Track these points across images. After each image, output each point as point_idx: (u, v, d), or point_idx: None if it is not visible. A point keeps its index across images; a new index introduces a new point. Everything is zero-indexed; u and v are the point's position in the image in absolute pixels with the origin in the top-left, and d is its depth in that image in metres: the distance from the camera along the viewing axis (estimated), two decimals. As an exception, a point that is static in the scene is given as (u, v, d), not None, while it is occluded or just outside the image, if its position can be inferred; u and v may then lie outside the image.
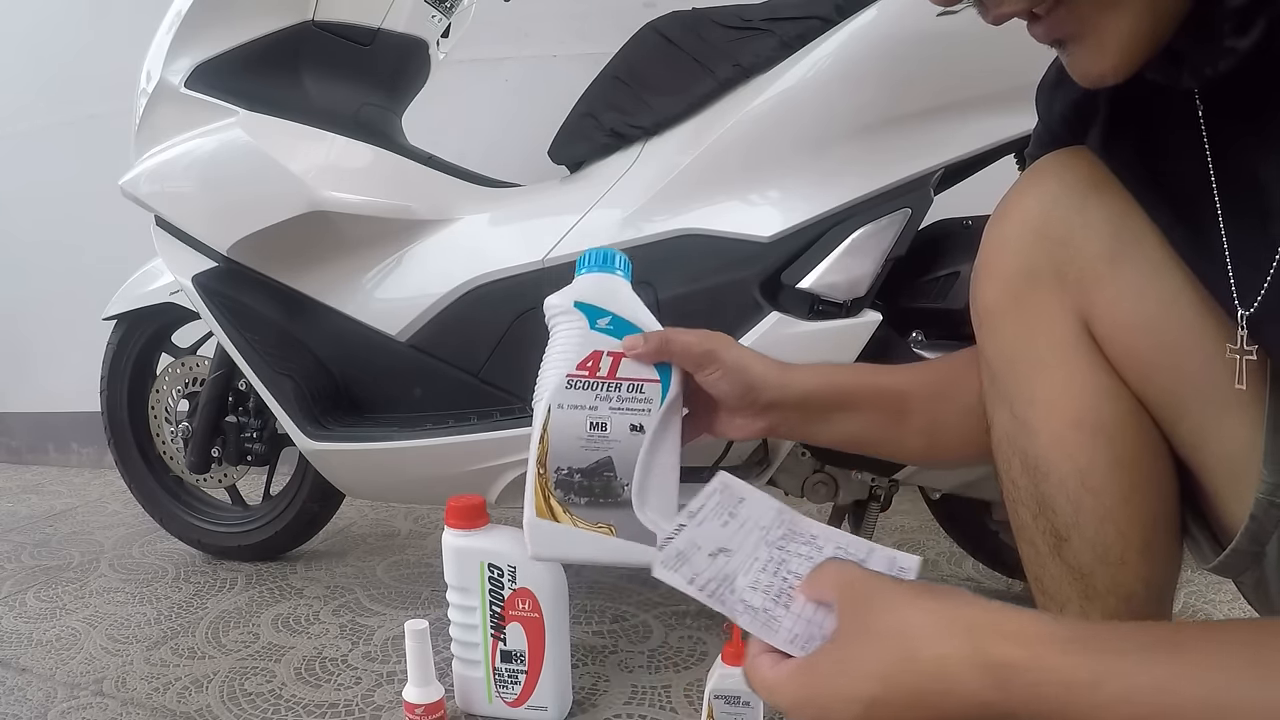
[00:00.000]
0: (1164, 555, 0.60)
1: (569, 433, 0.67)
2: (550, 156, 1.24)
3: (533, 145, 1.28)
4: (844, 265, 1.00)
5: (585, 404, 0.67)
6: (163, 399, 1.55)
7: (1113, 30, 0.47)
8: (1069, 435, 0.59)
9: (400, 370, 1.22)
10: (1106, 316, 0.58)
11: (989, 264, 0.64)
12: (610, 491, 0.67)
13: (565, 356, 0.67)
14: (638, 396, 0.68)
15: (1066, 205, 0.59)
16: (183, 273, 1.29)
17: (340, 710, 1.06)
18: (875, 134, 1.00)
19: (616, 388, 0.67)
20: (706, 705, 0.90)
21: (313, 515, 1.51)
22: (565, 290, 0.70)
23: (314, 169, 1.19)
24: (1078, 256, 0.58)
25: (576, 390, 0.67)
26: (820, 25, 1.02)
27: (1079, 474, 0.58)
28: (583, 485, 0.67)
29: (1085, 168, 0.60)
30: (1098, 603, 0.60)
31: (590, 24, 1.84)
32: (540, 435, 0.67)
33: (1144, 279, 0.57)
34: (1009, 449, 0.62)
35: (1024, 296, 0.61)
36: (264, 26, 1.22)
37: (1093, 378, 0.59)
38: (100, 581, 1.52)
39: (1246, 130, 0.49)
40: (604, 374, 0.68)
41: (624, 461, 0.67)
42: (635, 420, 0.67)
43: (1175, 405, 0.57)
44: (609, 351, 0.67)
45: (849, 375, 0.74)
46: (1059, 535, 0.60)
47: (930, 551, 1.49)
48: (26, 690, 1.14)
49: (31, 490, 2.21)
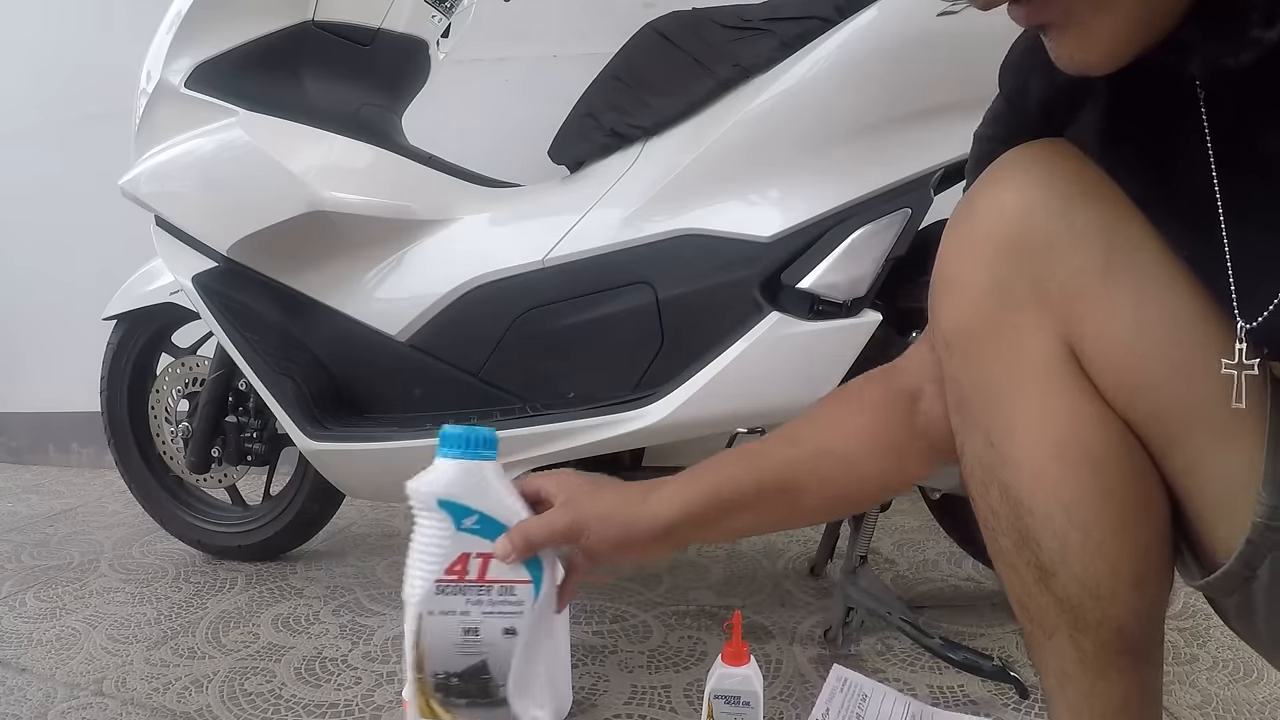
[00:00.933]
0: (1156, 585, 0.56)
1: (443, 639, 0.67)
2: (550, 156, 1.24)
3: (533, 145, 1.28)
4: (844, 265, 1.00)
5: (457, 609, 0.66)
6: (163, 399, 1.55)
7: (1100, 26, 0.43)
8: (1053, 469, 0.54)
9: (400, 370, 1.22)
10: (1097, 337, 0.52)
11: (954, 279, 0.57)
12: (488, 692, 0.67)
13: (433, 558, 0.65)
14: (509, 599, 0.67)
15: (1048, 209, 0.52)
16: (183, 273, 1.29)
17: (340, 710, 1.06)
18: (875, 134, 1.00)
19: (487, 590, 0.66)
20: (706, 705, 0.90)
21: (313, 515, 1.51)
22: (428, 479, 0.66)
23: (314, 169, 1.19)
24: (1061, 269, 0.52)
25: (447, 595, 0.66)
26: (820, 25, 1.02)
27: (1065, 509, 0.54)
28: (461, 688, 0.67)
29: (1069, 164, 0.54)
30: (1089, 635, 0.56)
31: (590, 24, 1.84)
32: (415, 641, 0.66)
33: (1142, 294, 0.51)
34: (985, 478, 0.57)
35: (997, 317, 0.54)
36: (264, 26, 1.22)
37: (1077, 404, 0.53)
38: (100, 581, 1.52)
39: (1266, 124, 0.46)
40: (473, 577, 0.66)
41: (499, 663, 0.67)
42: (508, 624, 0.67)
43: (1169, 429, 0.53)
44: (478, 553, 0.65)
45: (722, 480, 0.68)
46: (1044, 570, 0.56)
47: (930, 551, 1.49)
48: (26, 690, 1.14)
49: (31, 490, 2.21)
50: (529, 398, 1.16)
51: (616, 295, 1.11)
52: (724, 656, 0.90)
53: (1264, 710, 0.99)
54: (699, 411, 1.04)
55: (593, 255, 1.12)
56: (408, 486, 0.67)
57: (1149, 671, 0.59)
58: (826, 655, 1.14)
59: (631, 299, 1.10)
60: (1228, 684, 1.05)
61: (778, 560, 1.49)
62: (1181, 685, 1.04)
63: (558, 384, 1.15)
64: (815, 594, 1.34)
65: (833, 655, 1.13)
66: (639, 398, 1.08)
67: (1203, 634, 1.17)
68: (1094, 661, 0.57)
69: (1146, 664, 0.59)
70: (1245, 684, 1.04)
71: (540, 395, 1.16)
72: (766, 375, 1.03)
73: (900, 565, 1.45)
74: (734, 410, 1.04)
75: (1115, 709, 0.58)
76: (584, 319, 1.12)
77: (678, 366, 1.06)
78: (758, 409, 1.04)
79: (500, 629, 0.67)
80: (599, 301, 1.11)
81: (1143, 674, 0.58)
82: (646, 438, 1.07)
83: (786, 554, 1.51)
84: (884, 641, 1.17)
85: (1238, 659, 1.10)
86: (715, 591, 1.36)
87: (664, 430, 1.06)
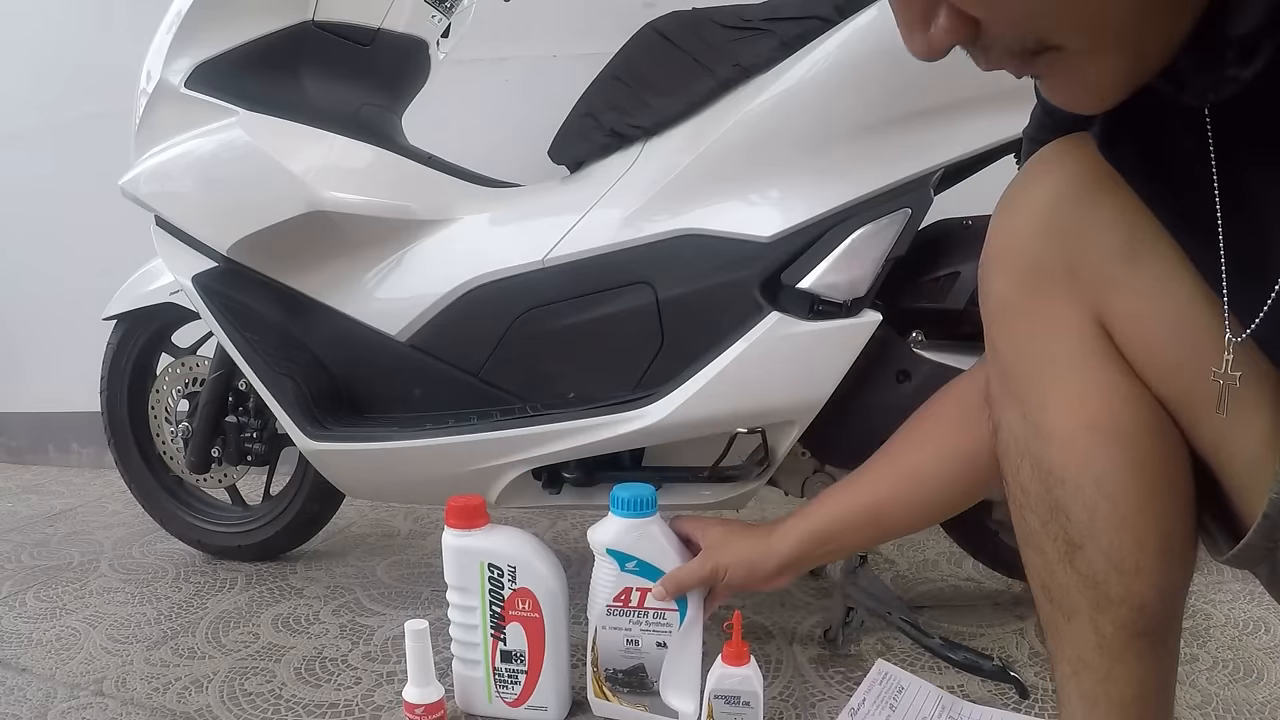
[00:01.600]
0: (1180, 561, 0.58)
1: (612, 646, 0.96)
2: (550, 156, 1.23)
3: (533, 145, 1.28)
4: (844, 265, 1.00)
5: (622, 626, 0.95)
6: (163, 399, 1.54)
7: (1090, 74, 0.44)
8: (1085, 439, 0.57)
9: (400, 370, 1.22)
10: (1124, 316, 0.56)
11: (998, 257, 0.61)
12: (644, 686, 0.96)
13: (604, 589, 0.94)
14: (660, 621, 0.94)
15: (1077, 199, 0.56)
16: (183, 273, 1.29)
17: (340, 710, 1.06)
18: (875, 134, 1.00)
19: (645, 614, 0.94)
20: (706, 705, 0.90)
21: (313, 515, 1.51)
22: (600, 533, 0.94)
23: (314, 169, 1.19)
24: (1092, 253, 0.56)
25: (614, 616, 0.95)
26: (820, 25, 1.02)
27: (1095, 480, 0.56)
28: (624, 680, 0.97)
29: (1094, 159, 0.57)
30: (1109, 612, 0.58)
31: (590, 24, 1.84)
32: (592, 644, 0.97)
33: (1163, 278, 0.54)
34: (1018, 453, 0.60)
35: (1037, 294, 0.58)
36: (264, 26, 1.22)
37: (1109, 380, 0.56)
38: (100, 581, 1.52)
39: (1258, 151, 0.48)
40: (634, 604, 0.94)
41: (653, 666, 0.95)
42: (659, 639, 0.94)
43: (1196, 405, 0.55)
44: (637, 588, 0.93)
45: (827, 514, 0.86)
46: (1072, 543, 0.58)
47: (930, 551, 1.49)
48: (26, 690, 1.14)
49: (31, 490, 2.21)
50: (529, 398, 1.16)
51: (616, 295, 1.11)
52: (724, 656, 0.90)
53: (1264, 710, 0.99)
54: (699, 411, 1.04)
55: (593, 255, 1.12)
56: (589, 534, 0.95)
57: (1165, 658, 0.60)
58: (826, 655, 1.14)
59: (631, 299, 1.09)
60: (1228, 684, 1.05)
61: (778, 560, 1.48)
62: (1181, 685, 1.04)
63: (558, 384, 1.15)
64: (815, 594, 1.34)
65: (833, 655, 1.14)
66: (639, 398, 1.08)
67: (1203, 634, 1.17)
68: (1112, 644, 0.58)
69: (1163, 649, 0.60)
70: (1245, 684, 1.04)
71: (540, 395, 1.16)
72: (766, 375, 1.03)
73: (900, 565, 1.45)
74: (734, 410, 1.04)
75: (1131, 696, 0.59)
76: (584, 319, 1.12)
77: (678, 366, 1.06)
78: (758, 409, 1.04)
79: (654, 642, 0.95)
80: (599, 301, 1.11)
81: (1159, 660, 0.60)
82: (646, 438, 1.08)
83: (786, 554, 1.51)
84: (884, 641, 1.17)
85: (1238, 659, 1.10)
86: (715, 591, 1.36)
87: (664, 430, 1.06)
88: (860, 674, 1.02)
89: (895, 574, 1.41)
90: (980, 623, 1.22)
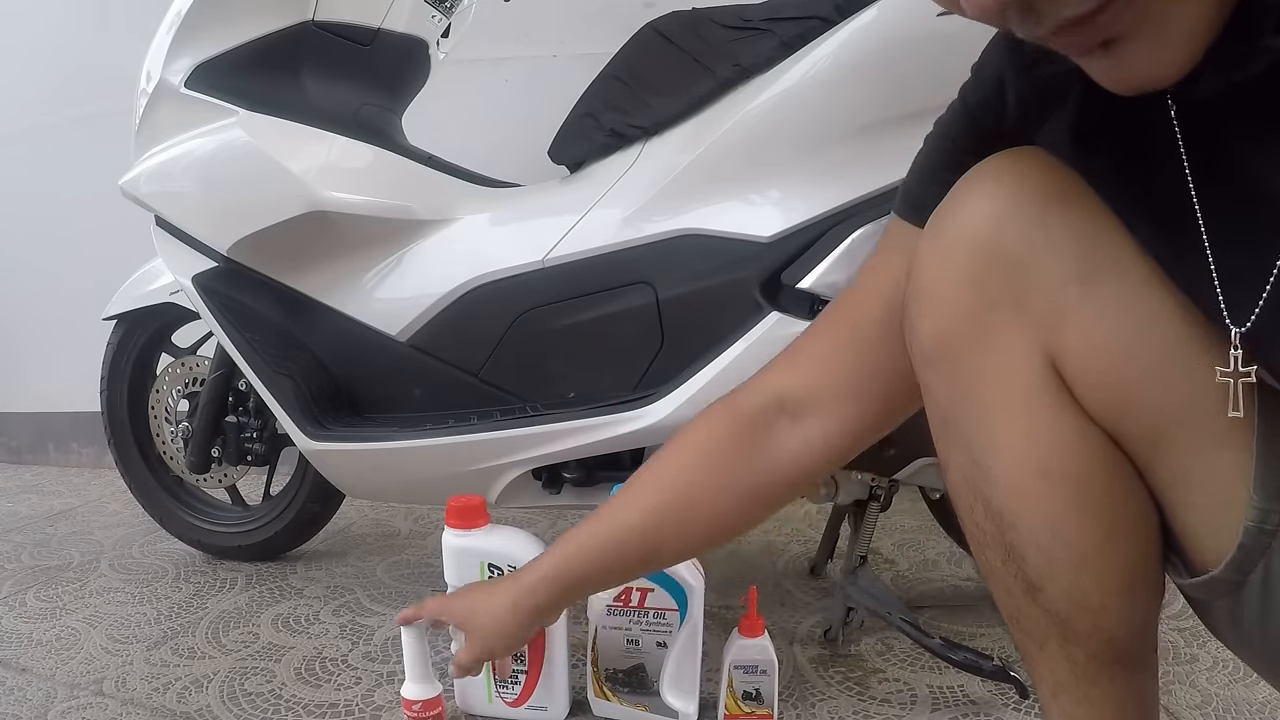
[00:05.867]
0: (1146, 595, 0.55)
1: (612, 646, 0.97)
2: (550, 156, 1.23)
3: (533, 145, 1.28)
4: (844, 265, 1.00)
5: (622, 626, 0.96)
6: (163, 399, 1.55)
7: (1178, 19, 0.39)
8: (1035, 486, 0.53)
9: (400, 370, 1.22)
10: (1078, 348, 0.51)
11: (933, 293, 0.54)
12: (644, 685, 0.97)
13: None
14: (660, 621, 0.94)
15: (1023, 219, 0.51)
16: (183, 273, 1.29)
17: (340, 710, 1.06)
18: (875, 134, 1.00)
19: (645, 614, 0.95)
20: (726, 675, 0.95)
21: (313, 515, 1.51)
22: None
23: (314, 169, 1.19)
24: (1041, 281, 0.50)
25: (615, 616, 0.96)
26: (820, 25, 1.01)
27: (1049, 524, 0.53)
28: (624, 679, 0.98)
29: (1042, 172, 0.52)
30: (1080, 645, 0.55)
31: (590, 24, 1.84)
32: (592, 644, 0.98)
33: (1122, 301, 0.50)
34: (970, 493, 0.57)
35: (979, 331, 0.52)
36: (264, 26, 1.22)
37: (1058, 420, 0.52)
38: (100, 581, 1.52)
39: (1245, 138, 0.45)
40: (635, 604, 0.95)
41: (653, 666, 0.96)
42: (659, 639, 0.95)
43: (1155, 439, 0.51)
44: (637, 588, 0.94)
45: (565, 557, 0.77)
46: (1032, 584, 0.55)
47: (930, 552, 1.49)
48: (26, 690, 1.14)
49: (31, 490, 2.21)
50: (529, 398, 1.17)
51: (616, 295, 1.11)
52: (740, 629, 0.95)
53: (1264, 710, 0.99)
54: (699, 411, 1.04)
55: (593, 255, 1.12)
56: None
57: (1143, 678, 0.59)
58: (826, 655, 1.14)
59: (631, 299, 1.10)
60: (1228, 684, 1.05)
61: (778, 560, 1.49)
62: (1181, 685, 1.05)
63: (558, 384, 1.15)
64: (815, 594, 1.34)
65: (833, 655, 1.14)
66: (639, 398, 1.08)
67: (1203, 634, 1.17)
68: (1086, 670, 0.56)
69: (1141, 671, 0.58)
70: (1245, 684, 1.04)
71: (540, 395, 1.16)
72: (766, 375, 1.03)
73: (900, 565, 1.45)
74: (734, 410, 1.04)
75: (1110, 717, 0.58)
76: (584, 319, 1.12)
77: (678, 366, 1.06)
78: (758, 409, 1.04)
79: (654, 642, 0.95)
80: (599, 301, 1.11)
81: (1137, 681, 0.58)
82: (646, 438, 1.08)
83: (786, 554, 1.51)
84: (884, 641, 1.17)
85: (1237, 659, 1.10)
86: (715, 591, 1.35)
87: (664, 430, 1.06)
88: (860, 674, 1.03)
89: (895, 574, 1.41)
90: (980, 623, 1.22)
